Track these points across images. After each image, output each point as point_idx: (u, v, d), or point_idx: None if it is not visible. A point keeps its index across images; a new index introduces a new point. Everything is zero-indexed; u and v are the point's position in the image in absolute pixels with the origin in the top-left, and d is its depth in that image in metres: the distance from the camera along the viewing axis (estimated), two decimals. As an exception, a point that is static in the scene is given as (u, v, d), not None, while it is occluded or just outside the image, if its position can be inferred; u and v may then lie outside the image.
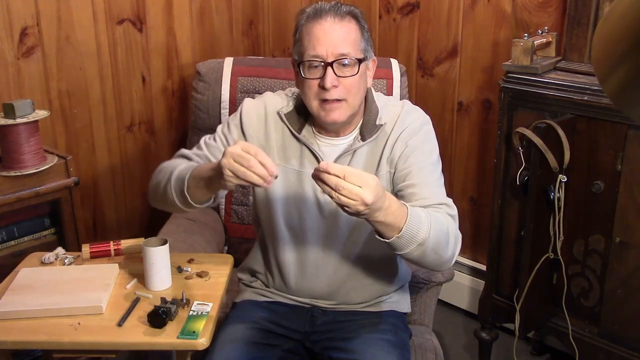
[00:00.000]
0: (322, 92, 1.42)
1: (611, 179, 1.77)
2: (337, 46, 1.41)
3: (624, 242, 1.76)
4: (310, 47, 1.42)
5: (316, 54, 1.41)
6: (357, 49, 1.44)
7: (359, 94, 1.46)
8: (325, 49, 1.41)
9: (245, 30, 2.71)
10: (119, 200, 2.47)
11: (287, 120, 1.53)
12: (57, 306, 1.41)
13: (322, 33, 1.42)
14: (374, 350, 1.45)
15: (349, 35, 1.43)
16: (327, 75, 1.40)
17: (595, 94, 1.74)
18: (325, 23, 1.42)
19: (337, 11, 1.43)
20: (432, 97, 2.52)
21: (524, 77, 1.90)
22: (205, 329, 1.35)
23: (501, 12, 2.26)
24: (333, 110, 1.43)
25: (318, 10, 1.44)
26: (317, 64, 1.42)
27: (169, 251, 1.50)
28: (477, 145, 2.45)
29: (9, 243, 1.95)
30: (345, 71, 1.42)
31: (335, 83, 1.41)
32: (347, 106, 1.44)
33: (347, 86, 1.42)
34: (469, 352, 2.35)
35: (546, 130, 1.77)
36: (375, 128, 1.50)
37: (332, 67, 1.40)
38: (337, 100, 1.42)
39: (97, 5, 2.22)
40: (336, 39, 1.41)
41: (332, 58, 1.40)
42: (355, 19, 1.46)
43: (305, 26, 1.44)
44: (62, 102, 2.22)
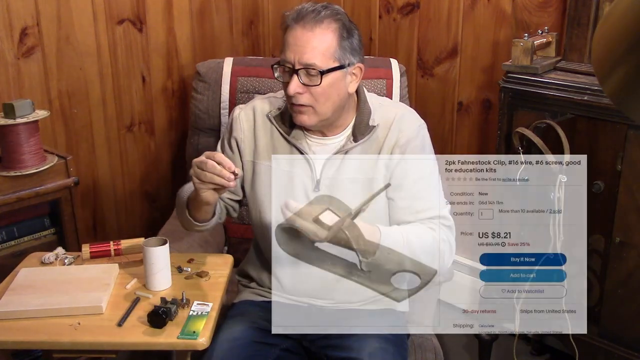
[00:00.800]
0: (290, 96, 1.45)
1: (611, 179, 1.77)
2: (304, 55, 1.41)
3: (624, 242, 1.76)
4: (284, 51, 1.45)
5: (285, 59, 1.44)
6: (329, 58, 1.43)
7: (329, 101, 1.46)
8: (293, 55, 1.42)
9: (245, 30, 2.71)
10: (119, 200, 2.47)
11: (276, 122, 1.55)
12: (57, 306, 1.41)
13: (293, 39, 1.43)
14: (372, 349, 1.45)
15: (321, 44, 1.42)
16: (291, 81, 1.43)
17: (595, 94, 1.74)
18: (299, 29, 1.42)
19: (316, 17, 1.42)
20: (432, 97, 2.52)
21: (524, 77, 1.90)
22: (205, 329, 1.36)
23: (501, 12, 2.26)
24: (301, 114, 1.46)
25: (297, 15, 1.44)
26: (286, 69, 1.44)
27: (169, 251, 1.50)
28: (477, 145, 2.45)
29: (9, 243, 1.95)
30: (311, 79, 1.43)
31: (299, 90, 1.43)
32: (314, 112, 1.45)
33: (314, 94, 1.44)
34: (469, 352, 2.35)
35: (546, 130, 1.77)
36: (368, 129, 1.50)
37: (297, 75, 1.42)
38: (304, 105, 1.45)
39: (97, 5, 2.22)
40: (304, 47, 1.42)
41: (298, 66, 1.42)
42: (336, 24, 1.44)
43: (287, 29, 1.46)
44: (62, 102, 2.22)
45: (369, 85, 2.14)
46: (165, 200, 2.58)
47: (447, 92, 2.48)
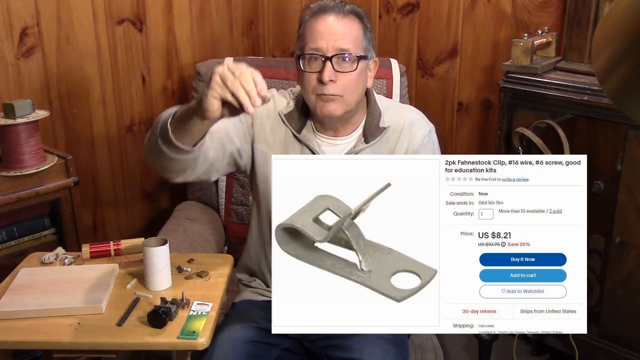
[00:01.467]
0: (319, 86, 1.44)
1: (611, 179, 1.77)
2: (338, 40, 1.43)
3: (624, 242, 1.76)
4: (311, 40, 1.44)
5: (317, 47, 1.43)
6: (358, 46, 1.46)
7: (356, 91, 1.48)
8: (326, 43, 1.43)
9: (245, 30, 2.71)
10: (119, 200, 2.47)
11: (287, 120, 1.54)
12: (57, 306, 1.41)
13: (324, 27, 1.44)
14: (372, 349, 1.45)
15: (351, 31, 1.45)
16: (325, 69, 1.42)
17: (595, 94, 1.75)
18: (328, 18, 1.44)
19: (341, 9, 1.46)
20: (432, 97, 2.52)
21: (524, 77, 1.90)
22: (205, 329, 1.36)
23: (501, 12, 2.26)
24: (329, 102, 1.45)
25: (322, 7, 1.46)
26: (316, 57, 1.44)
27: (169, 251, 1.50)
28: (477, 145, 2.45)
29: (9, 243, 1.95)
30: (344, 66, 1.44)
31: (332, 77, 1.43)
32: (342, 101, 1.46)
33: (344, 82, 1.44)
34: (469, 352, 2.35)
35: (546, 130, 1.77)
36: (379, 130, 1.51)
37: (331, 62, 1.42)
38: (334, 94, 1.44)
39: (97, 5, 2.22)
40: (338, 34, 1.43)
41: (332, 52, 1.42)
42: (358, 18, 1.48)
43: (308, 22, 1.46)
44: (62, 102, 2.22)
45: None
46: (165, 200, 2.58)
47: (447, 92, 2.48)
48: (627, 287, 1.79)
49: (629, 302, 1.80)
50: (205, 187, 2.26)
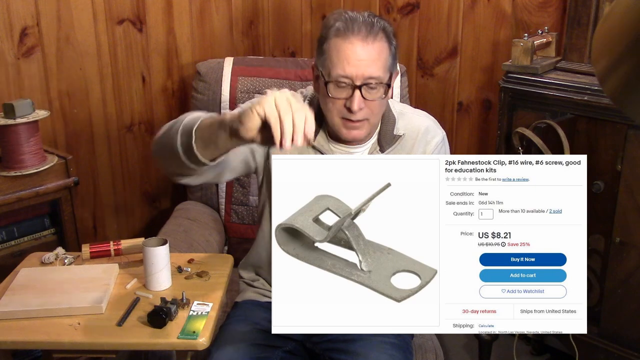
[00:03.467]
0: (346, 112, 1.40)
1: (611, 179, 1.77)
2: (367, 68, 1.36)
3: (624, 242, 1.76)
4: (339, 66, 1.37)
5: (345, 75, 1.36)
6: (386, 70, 1.40)
7: (381, 112, 1.46)
8: (355, 71, 1.36)
9: (245, 30, 2.71)
10: (119, 200, 2.47)
11: None
12: (57, 306, 1.41)
13: (352, 53, 1.36)
14: (377, 353, 1.45)
15: (380, 56, 1.38)
16: (354, 98, 1.37)
17: (595, 94, 1.75)
18: (357, 42, 1.36)
19: (370, 30, 1.37)
20: (432, 97, 2.52)
21: (524, 77, 1.90)
22: (205, 329, 1.36)
23: (501, 12, 2.26)
24: (356, 128, 1.42)
25: (350, 26, 1.36)
26: (344, 85, 1.38)
27: (169, 251, 1.50)
28: (477, 145, 2.45)
29: (9, 243, 1.95)
30: (372, 94, 1.39)
31: (362, 106, 1.39)
32: (368, 125, 1.44)
33: (371, 107, 1.41)
34: (469, 352, 2.35)
35: (546, 130, 1.77)
36: (394, 138, 1.50)
37: (360, 90, 1.37)
38: (360, 120, 1.41)
39: (97, 5, 2.22)
40: (366, 62, 1.36)
41: (360, 81, 1.36)
42: (387, 37, 1.40)
43: (334, 40, 1.38)
44: (62, 102, 2.22)
45: (369, 85, 2.14)
46: (165, 200, 2.58)
47: (447, 92, 2.48)
48: (627, 287, 1.79)
49: (629, 302, 1.80)
50: (205, 187, 2.26)
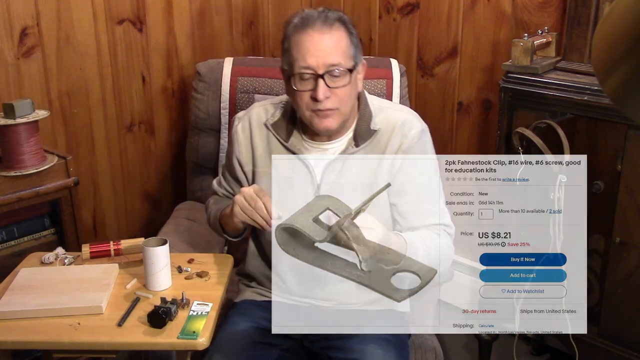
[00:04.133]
0: (314, 103, 1.43)
1: (611, 179, 1.77)
2: (328, 57, 1.40)
3: (624, 242, 1.76)
4: (300, 58, 1.42)
5: (307, 66, 1.41)
6: (348, 57, 1.44)
7: (350, 101, 1.47)
8: (316, 60, 1.40)
9: (245, 30, 2.71)
10: (119, 200, 2.47)
11: (274, 129, 1.54)
12: (57, 306, 1.41)
13: (311, 44, 1.41)
14: (373, 350, 1.45)
15: (339, 44, 1.43)
16: (319, 87, 1.41)
17: (595, 94, 1.74)
18: (314, 33, 1.41)
19: (326, 19, 1.42)
20: (432, 97, 2.52)
21: (524, 77, 1.90)
22: (205, 329, 1.36)
23: (501, 12, 2.26)
24: (326, 117, 1.44)
25: (306, 20, 1.43)
26: (308, 76, 1.42)
27: (169, 251, 1.50)
28: (477, 145, 2.45)
29: (9, 243, 1.95)
30: (336, 82, 1.42)
31: (327, 94, 1.41)
32: (339, 114, 1.45)
33: (339, 95, 1.43)
34: (469, 352, 2.35)
35: (546, 130, 1.77)
36: (370, 133, 1.50)
37: (323, 79, 1.40)
38: (330, 109, 1.43)
39: (97, 5, 2.22)
40: (326, 49, 1.41)
41: (323, 69, 1.40)
42: (344, 25, 1.45)
43: (293, 36, 1.44)
44: (62, 102, 2.22)
45: (369, 85, 2.14)
46: (165, 200, 2.58)
47: (447, 92, 2.48)
48: (627, 287, 1.79)
49: (629, 302, 1.80)
50: (205, 187, 2.26)
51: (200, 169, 2.30)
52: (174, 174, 2.57)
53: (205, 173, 2.29)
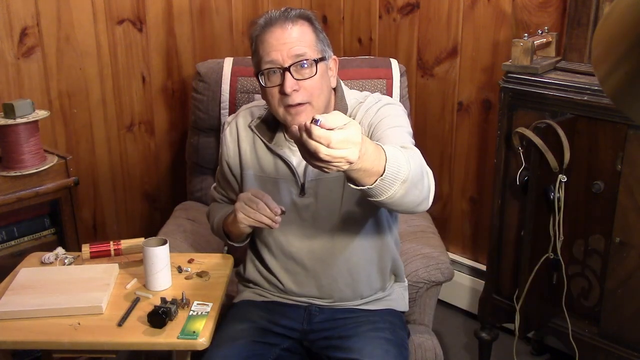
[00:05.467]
0: (284, 98, 1.42)
1: (611, 179, 1.77)
2: (292, 49, 1.40)
3: (624, 242, 1.76)
4: (265, 55, 1.42)
5: (271, 60, 1.41)
6: (314, 49, 1.43)
7: (323, 94, 1.45)
8: (280, 54, 1.40)
9: (245, 30, 2.71)
10: (119, 200, 2.47)
11: (258, 131, 1.55)
12: (57, 306, 1.41)
13: (274, 39, 1.42)
14: (372, 349, 1.45)
15: (303, 36, 1.43)
16: (286, 80, 1.40)
17: (595, 94, 1.74)
18: (277, 29, 1.42)
19: (287, 16, 1.43)
20: (432, 97, 2.52)
21: (524, 77, 1.90)
22: (205, 329, 1.36)
23: (501, 12, 2.26)
24: (299, 114, 1.42)
25: (268, 20, 1.44)
26: (274, 71, 1.41)
27: (169, 251, 1.50)
28: (477, 145, 2.45)
29: (9, 243, 1.95)
30: (304, 73, 1.41)
31: (295, 87, 1.40)
32: (311, 109, 1.43)
33: (308, 88, 1.42)
34: (469, 352, 2.35)
35: (546, 130, 1.77)
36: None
37: (289, 72, 1.40)
38: (301, 104, 1.42)
39: (97, 5, 2.22)
40: (290, 42, 1.41)
41: (288, 62, 1.40)
42: (307, 21, 1.45)
43: (259, 37, 1.45)
44: (62, 102, 2.22)
45: (369, 85, 2.14)
46: (165, 200, 2.58)
47: (447, 92, 2.48)
48: (627, 287, 1.79)
49: (629, 302, 1.80)
50: (205, 187, 2.27)
51: (200, 169, 2.30)
52: (174, 174, 2.57)
53: (205, 173, 2.29)
